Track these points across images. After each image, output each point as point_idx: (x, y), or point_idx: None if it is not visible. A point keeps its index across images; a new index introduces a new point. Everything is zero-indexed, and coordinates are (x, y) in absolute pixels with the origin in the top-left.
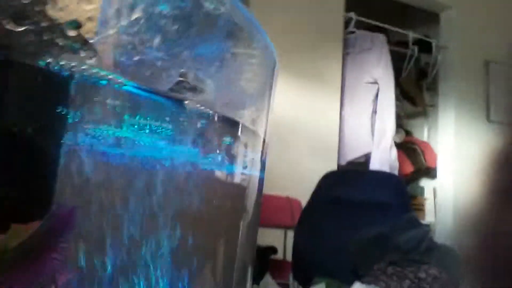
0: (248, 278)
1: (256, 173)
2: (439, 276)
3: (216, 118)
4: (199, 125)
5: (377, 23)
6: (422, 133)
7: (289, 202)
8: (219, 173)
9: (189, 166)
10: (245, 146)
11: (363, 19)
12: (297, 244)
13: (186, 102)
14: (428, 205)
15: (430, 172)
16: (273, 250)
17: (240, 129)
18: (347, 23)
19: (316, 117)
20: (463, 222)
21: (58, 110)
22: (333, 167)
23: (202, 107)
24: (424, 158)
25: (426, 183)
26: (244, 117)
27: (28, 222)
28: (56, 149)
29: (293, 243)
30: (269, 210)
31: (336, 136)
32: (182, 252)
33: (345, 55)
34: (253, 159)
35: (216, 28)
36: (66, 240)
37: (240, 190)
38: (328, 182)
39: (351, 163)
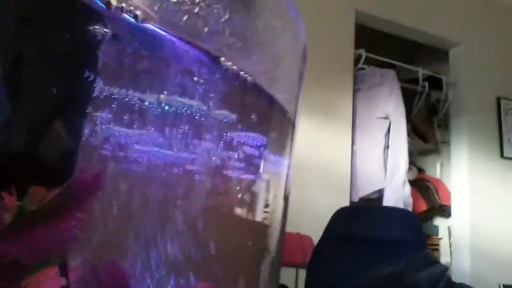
0: None
1: (285, 161)
2: None
3: (250, 84)
4: (232, 88)
5: (387, 60)
6: (435, 170)
7: (300, 239)
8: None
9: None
10: (275, 123)
11: (372, 55)
12: (309, 283)
13: (222, 58)
14: (443, 245)
15: (444, 210)
16: None
17: (272, 102)
18: (357, 59)
19: (327, 153)
20: (480, 261)
21: (84, 74)
22: (346, 203)
23: (237, 68)
24: (438, 196)
25: (440, 222)
26: (277, 92)
27: (47, 187)
28: (79, 117)
29: (305, 282)
30: None
31: (348, 172)
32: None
33: (355, 91)
34: (282, 141)
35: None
36: (88, 206)
37: (268, 179)
38: (341, 218)
39: (364, 200)
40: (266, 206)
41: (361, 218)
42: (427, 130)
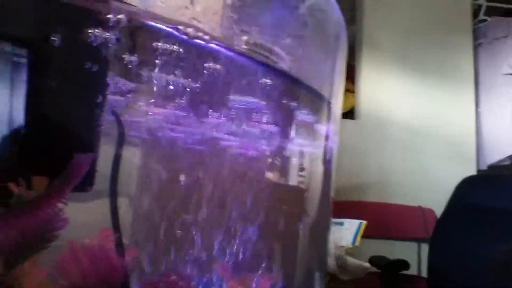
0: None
1: (320, 127)
2: None
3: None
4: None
5: None
6: None
7: (422, 212)
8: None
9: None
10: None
11: (495, 4)
12: (433, 258)
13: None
14: None
15: None
16: (405, 264)
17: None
18: (476, 11)
19: (448, 118)
20: None
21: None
22: (472, 172)
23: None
24: None
25: None
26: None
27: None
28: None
29: (428, 257)
30: (399, 221)
31: (473, 137)
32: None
33: (476, 46)
34: (313, 107)
35: None
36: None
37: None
38: (467, 188)
39: (493, 167)
40: (301, 170)
41: (491, 187)
42: None
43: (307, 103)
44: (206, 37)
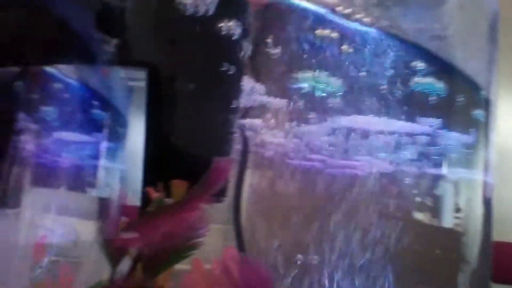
0: None
1: (479, 154)
2: None
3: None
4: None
5: None
6: None
7: None
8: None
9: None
10: (458, 103)
11: None
12: None
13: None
14: None
15: None
16: None
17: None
18: None
19: None
20: None
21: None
22: None
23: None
24: None
25: None
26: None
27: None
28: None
29: None
30: None
31: None
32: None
33: None
34: (471, 126)
35: None
36: (210, 197)
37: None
38: None
39: None
40: (457, 211)
41: None
42: None
43: (461, 110)
44: (367, 20)
